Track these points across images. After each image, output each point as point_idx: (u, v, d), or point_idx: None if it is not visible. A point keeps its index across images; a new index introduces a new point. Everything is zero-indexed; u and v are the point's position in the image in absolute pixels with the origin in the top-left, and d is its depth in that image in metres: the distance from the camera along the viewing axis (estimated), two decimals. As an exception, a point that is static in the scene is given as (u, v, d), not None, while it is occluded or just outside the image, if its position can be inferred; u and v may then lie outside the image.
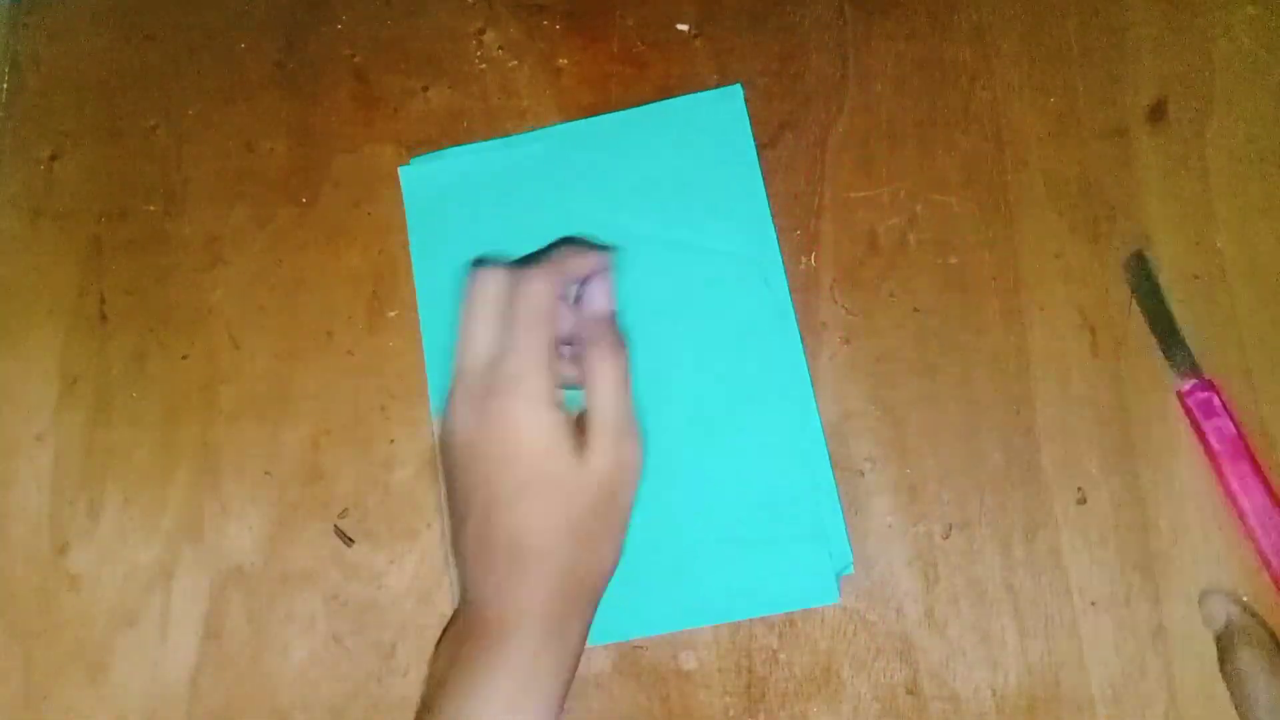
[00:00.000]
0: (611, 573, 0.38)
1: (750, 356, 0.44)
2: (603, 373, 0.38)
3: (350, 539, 0.44)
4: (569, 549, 0.37)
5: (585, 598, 0.37)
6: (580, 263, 0.40)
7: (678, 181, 0.46)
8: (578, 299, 0.41)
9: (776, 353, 0.44)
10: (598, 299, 0.40)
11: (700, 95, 0.47)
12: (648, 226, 0.45)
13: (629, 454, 0.38)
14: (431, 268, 0.46)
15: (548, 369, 0.37)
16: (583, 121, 0.47)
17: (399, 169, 0.47)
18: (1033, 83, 0.47)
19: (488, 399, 0.37)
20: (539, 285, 0.37)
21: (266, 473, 0.45)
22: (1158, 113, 0.46)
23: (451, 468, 0.38)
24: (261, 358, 0.46)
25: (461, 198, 0.46)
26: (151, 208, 0.48)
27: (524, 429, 0.36)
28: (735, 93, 0.47)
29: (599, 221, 0.45)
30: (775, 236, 0.45)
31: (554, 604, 0.36)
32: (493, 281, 0.38)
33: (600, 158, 0.46)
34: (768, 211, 0.45)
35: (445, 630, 0.38)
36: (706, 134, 0.46)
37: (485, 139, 0.48)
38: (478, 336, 0.38)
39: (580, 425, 0.37)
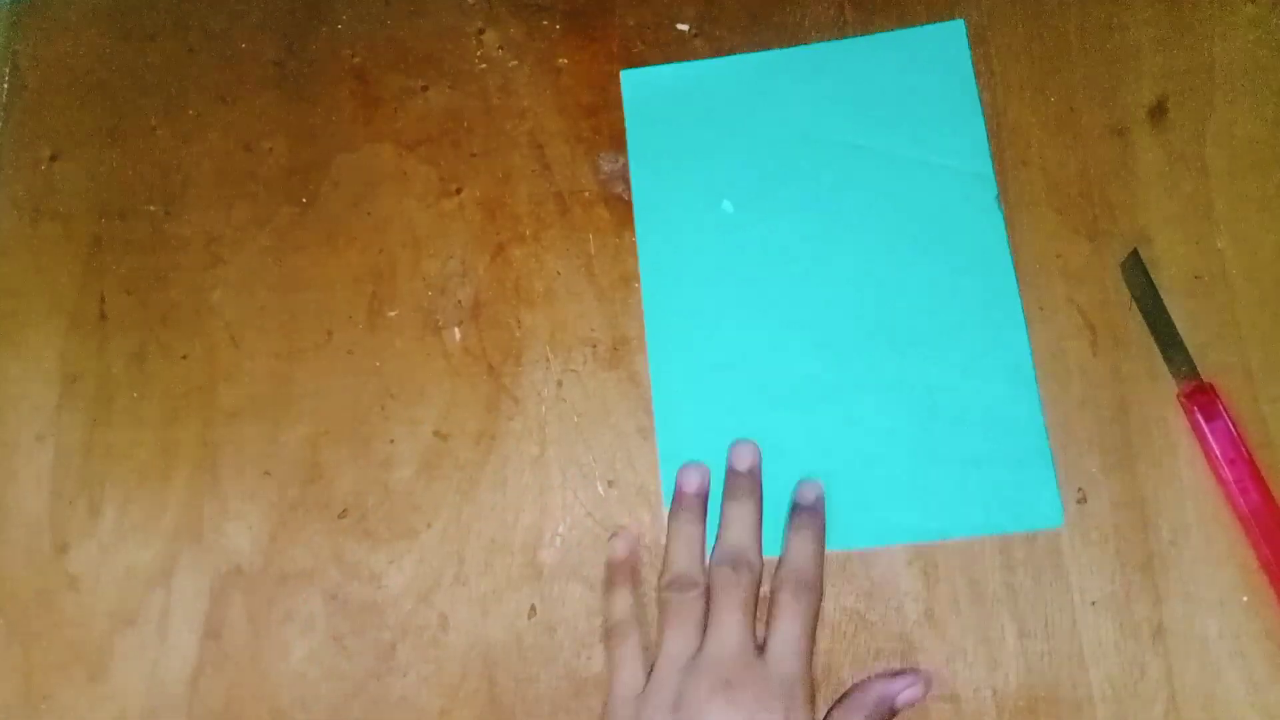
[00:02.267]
0: None
1: (964, 275, 0.44)
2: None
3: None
4: None
5: None
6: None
7: (899, 105, 0.46)
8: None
9: (989, 273, 0.44)
10: (911, 697, 0.40)
11: (923, 28, 0.47)
12: (868, 141, 0.46)
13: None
14: (651, 180, 0.46)
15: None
16: (806, 47, 0.48)
17: (621, 72, 0.47)
18: (1032, 82, 0.47)
19: (765, 693, 0.37)
20: (814, 608, 0.40)
21: (266, 472, 0.45)
22: (1158, 112, 0.46)
23: None
24: (261, 357, 0.46)
25: (682, 108, 0.47)
26: (151, 208, 0.48)
27: None
28: (958, 28, 0.47)
29: (819, 137, 0.46)
30: (992, 164, 0.45)
31: None
32: (747, 578, 0.40)
33: (822, 80, 0.47)
34: (985, 139, 0.46)
35: None
36: (929, 65, 0.47)
37: (487, 139, 0.48)
38: (739, 624, 0.39)
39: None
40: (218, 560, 0.44)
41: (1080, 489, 0.43)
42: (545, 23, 0.49)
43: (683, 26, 0.49)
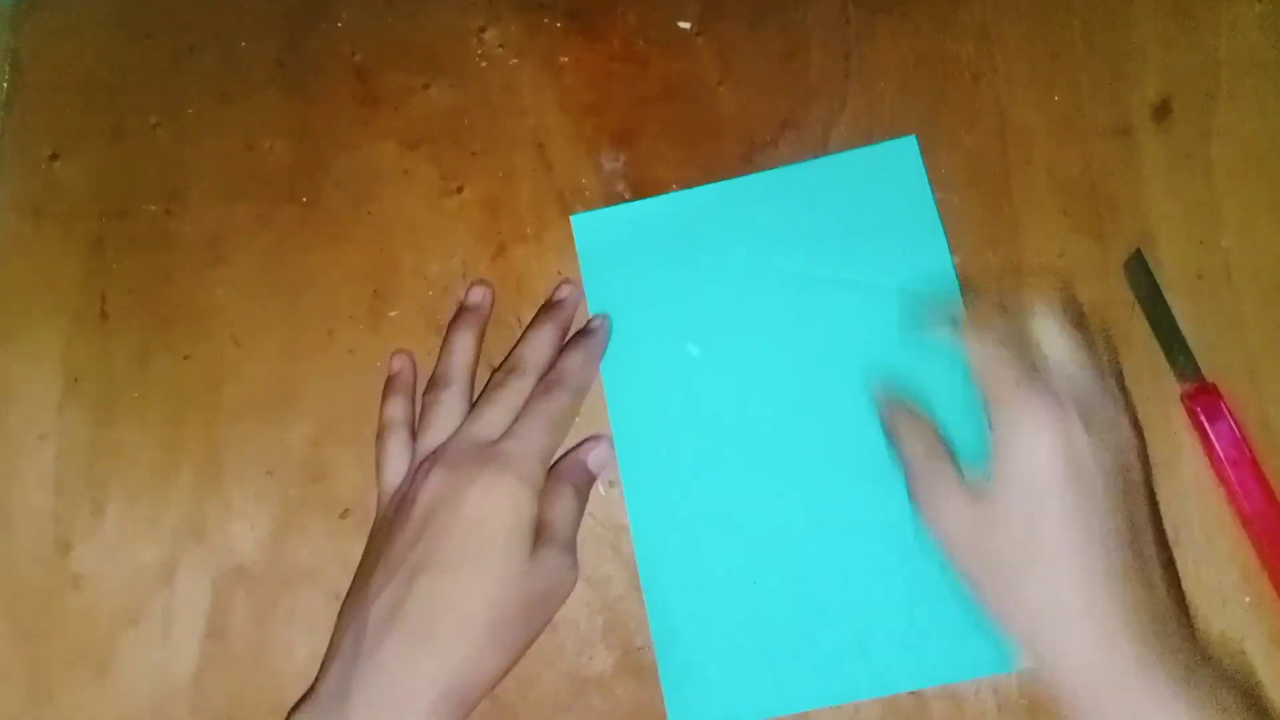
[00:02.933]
0: (488, 691, 0.37)
1: (939, 399, 0.42)
2: (567, 499, 0.40)
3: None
4: (477, 643, 0.36)
5: (462, 708, 0.36)
6: (595, 368, 0.43)
7: (857, 229, 0.45)
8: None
9: (967, 393, 0.41)
10: (598, 461, 0.43)
11: (875, 147, 0.46)
12: (830, 269, 0.45)
13: (566, 582, 0.39)
14: (613, 328, 0.45)
15: (544, 466, 0.40)
16: (757, 175, 0.46)
17: (571, 217, 0.46)
18: (1037, 80, 0.47)
19: (475, 466, 0.38)
20: (567, 400, 0.41)
21: (269, 472, 0.45)
22: (1163, 111, 0.46)
23: (391, 526, 0.39)
24: (263, 357, 0.46)
25: (637, 249, 0.46)
26: (153, 207, 0.48)
27: (503, 504, 0.37)
28: (910, 144, 0.46)
29: (778, 267, 0.45)
30: (957, 281, 0.44)
31: (451, 708, 0.35)
32: (522, 383, 0.41)
33: (776, 208, 0.45)
34: (949, 257, 0.44)
35: (297, 708, 0.38)
36: (880, 184, 0.45)
37: (489, 137, 0.48)
38: (486, 417, 0.40)
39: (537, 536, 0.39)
40: (221, 560, 0.44)
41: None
42: (547, 21, 0.49)
43: (685, 24, 0.48)
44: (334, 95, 0.49)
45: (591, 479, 0.43)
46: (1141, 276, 0.44)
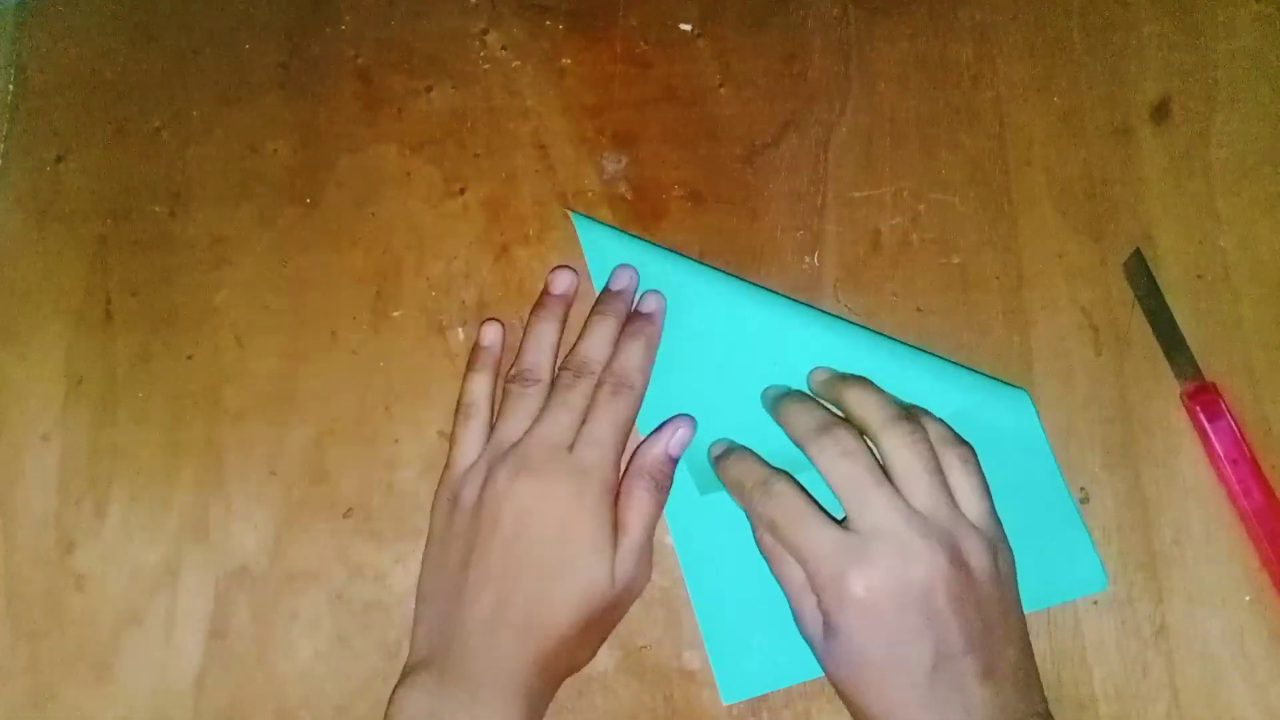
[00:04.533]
0: (575, 672, 0.41)
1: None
2: (642, 497, 0.41)
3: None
4: (568, 638, 0.39)
5: (558, 683, 0.40)
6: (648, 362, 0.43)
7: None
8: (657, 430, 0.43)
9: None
10: (677, 438, 0.42)
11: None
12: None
13: (644, 575, 0.41)
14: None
15: (618, 471, 0.41)
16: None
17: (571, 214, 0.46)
18: (1036, 81, 0.47)
19: (559, 478, 0.39)
20: (634, 402, 0.42)
21: (271, 472, 0.45)
22: (1162, 111, 0.46)
23: (479, 525, 0.40)
24: (266, 358, 0.46)
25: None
26: (157, 208, 0.48)
27: (587, 516, 0.39)
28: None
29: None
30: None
31: (545, 687, 0.39)
32: (587, 384, 0.42)
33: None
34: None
35: (412, 680, 0.39)
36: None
37: (491, 139, 0.48)
38: (561, 421, 0.41)
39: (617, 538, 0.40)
40: (223, 560, 0.44)
41: (1083, 488, 0.43)
42: (548, 23, 0.49)
43: (686, 26, 0.49)
44: (337, 97, 0.49)
45: (671, 468, 0.42)
46: (1141, 276, 0.44)
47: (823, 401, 0.42)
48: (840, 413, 0.41)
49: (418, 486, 0.44)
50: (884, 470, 0.38)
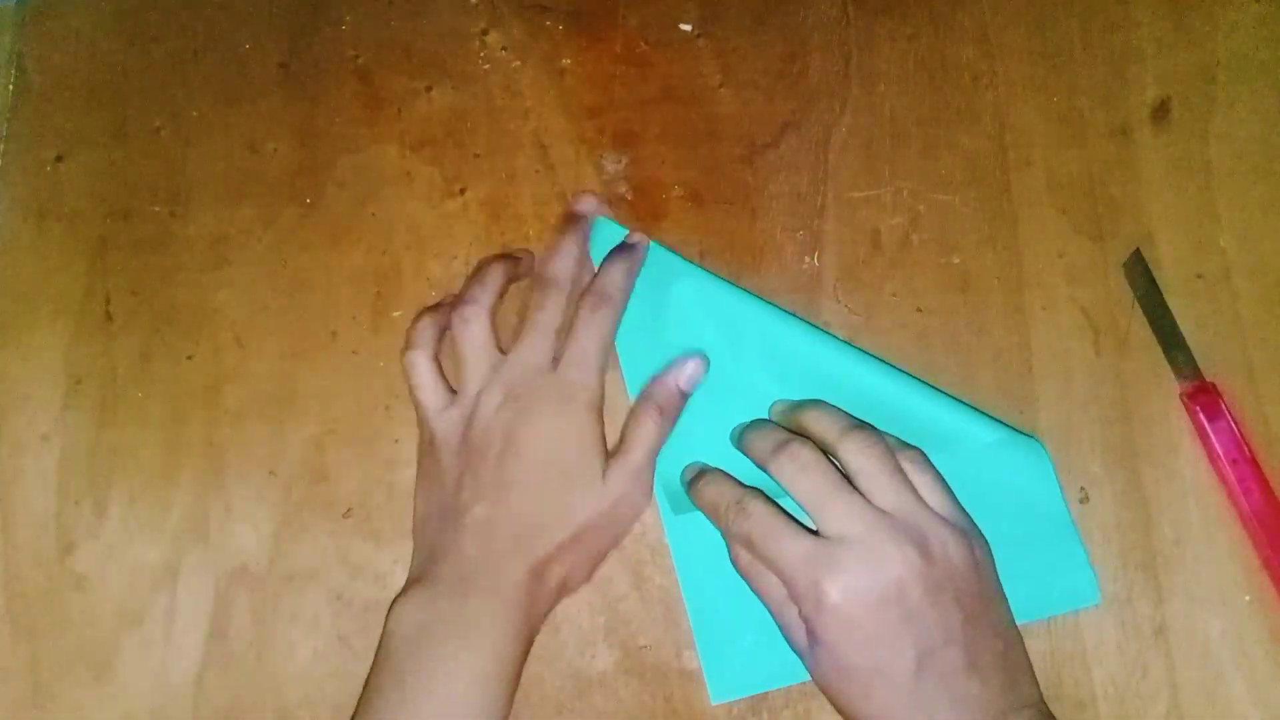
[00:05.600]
0: (570, 593, 0.42)
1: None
2: (647, 424, 0.42)
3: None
4: (568, 553, 0.40)
5: (553, 600, 0.41)
6: (622, 271, 0.43)
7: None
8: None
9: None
10: (689, 379, 0.43)
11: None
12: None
13: (639, 497, 0.42)
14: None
15: (602, 383, 0.42)
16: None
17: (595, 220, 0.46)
18: (1036, 82, 0.47)
19: (542, 398, 0.40)
20: (614, 317, 0.42)
21: (271, 472, 0.45)
22: (1161, 112, 0.46)
23: (469, 446, 0.41)
24: (266, 358, 0.46)
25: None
26: (157, 209, 0.48)
27: (575, 432, 0.41)
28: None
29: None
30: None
31: (538, 601, 0.40)
32: (559, 297, 0.42)
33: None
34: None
35: (406, 593, 0.40)
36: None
37: (491, 140, 0.48)
38: (537, 344, 0.42)
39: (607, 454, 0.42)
40: (223, 560, 0.44)
41: (1082, 488, 0.43)
42: (548, 23, 0.49)
43: (686, 26, 0.49)
44: (336, 97, 0.49)
45: (682, 400, 0.43)
46: (1140, 276, 0.44)
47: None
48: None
49: (418, 486, 0.44)
50: (847, 478, 0.38)
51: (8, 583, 0.44)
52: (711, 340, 0.44)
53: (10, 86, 0.50)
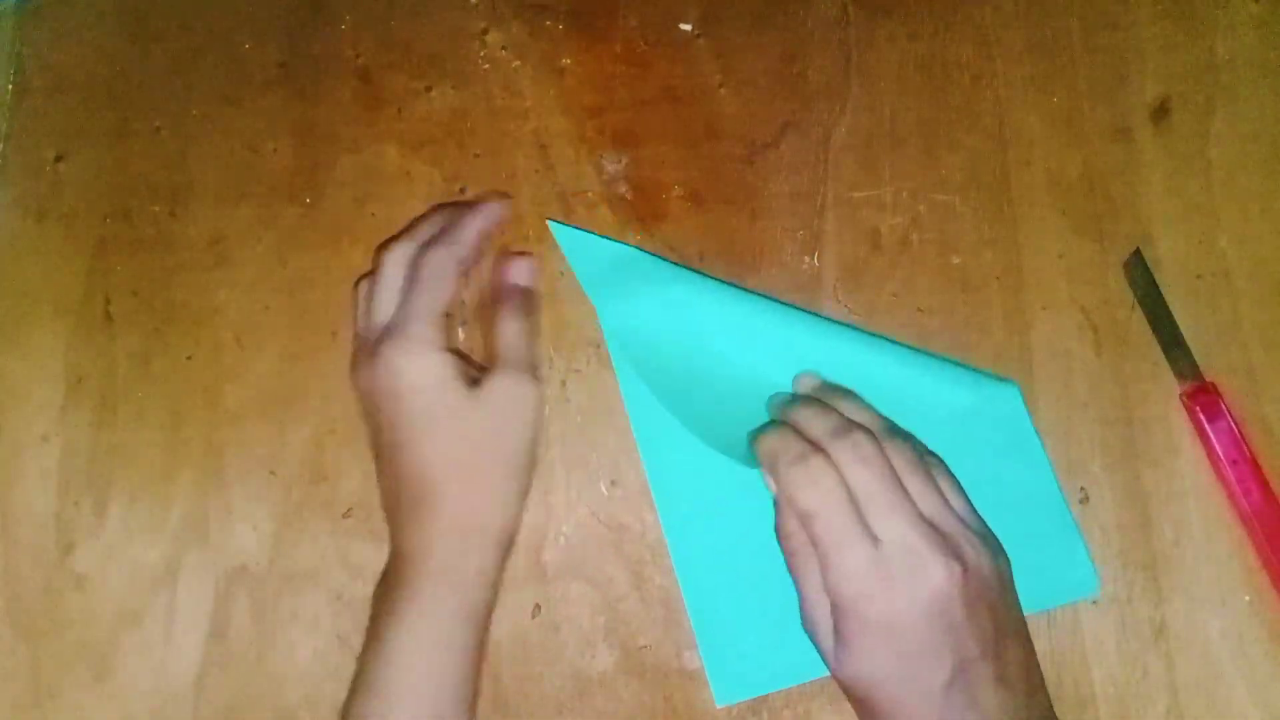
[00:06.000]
0: (513, 521, 0.40)
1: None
2: (506, 322, 0.42)
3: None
4: (460, 485, 0.39)
5: (482, 539, 0.39)
6: (472, 225, 0.43)
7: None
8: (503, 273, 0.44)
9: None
10: (518, 273, 0.44)
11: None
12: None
13: (526, 391, 0.41)
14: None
15: (434, 319, 0.40)
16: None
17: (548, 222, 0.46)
18: (1036, 82, 0.47)
19: (376, 351, 0.40)
20: (437, 252, 0.41)
21: (271, 472, 0.45)
22: (1161, 112, 0.46)
23: (364, 422, 0.42)
24: (266, 358, 0.46)
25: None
26: (156, 208, 0.48)
27: (410, 369, 0.39)
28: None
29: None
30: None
31: (449, 542, 0.39)
32: (400, 254, 0.42)
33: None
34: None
35: (382, 575, 0.41)
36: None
37: (491, 139, 0.48)
38: (381, 303, 0.41)
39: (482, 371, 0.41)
40: (223, 560, 0.44)
41: (1082, 488, 0.43)
42: (548, 23, 0.49)
43: (686, 27, 0.49)
44: (336, 97, 0.49)
45: (528, 293, 0.44)
46: (1141, 276, 0.44)
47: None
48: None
49: (418, 486, 0.44)
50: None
51: (8, 583, 0.44)
52: (710, 339, 0.44)
53: (10, 86, 0.50)
